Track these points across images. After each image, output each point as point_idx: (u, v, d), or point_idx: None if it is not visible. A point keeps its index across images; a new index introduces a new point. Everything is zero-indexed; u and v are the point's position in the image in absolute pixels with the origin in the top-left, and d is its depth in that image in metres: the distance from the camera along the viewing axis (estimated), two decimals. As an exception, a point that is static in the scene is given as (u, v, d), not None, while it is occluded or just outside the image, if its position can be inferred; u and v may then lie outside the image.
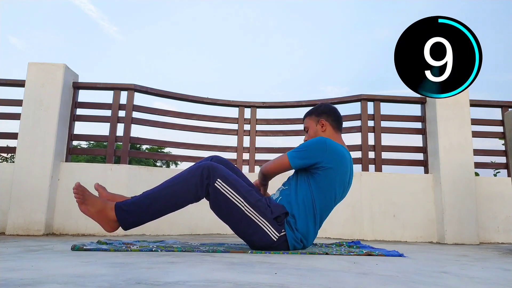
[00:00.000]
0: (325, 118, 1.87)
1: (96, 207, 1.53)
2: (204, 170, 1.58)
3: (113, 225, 1.55)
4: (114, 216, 1.53)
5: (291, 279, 0.94)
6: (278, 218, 1.63)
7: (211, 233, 3.09)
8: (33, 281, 0.82)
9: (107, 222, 1.54)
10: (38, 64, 2.92)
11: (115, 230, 1.56)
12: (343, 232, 3.03)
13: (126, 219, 1.53)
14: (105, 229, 1.55)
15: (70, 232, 2.79)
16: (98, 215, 1.53)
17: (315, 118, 1.88)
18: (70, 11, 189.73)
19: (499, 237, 3.06)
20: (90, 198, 1.54)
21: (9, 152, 3.30)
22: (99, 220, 1.54)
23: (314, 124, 1.88)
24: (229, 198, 1.58)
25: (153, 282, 0.83)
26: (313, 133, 1.87)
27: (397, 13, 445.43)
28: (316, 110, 1.91)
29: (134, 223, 1.55)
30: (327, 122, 1.86)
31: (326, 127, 1.85)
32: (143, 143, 3.44)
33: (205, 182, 1.57)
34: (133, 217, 1.54)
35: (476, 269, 1.31)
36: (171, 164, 18.93)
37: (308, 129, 1.90)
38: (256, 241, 1.63)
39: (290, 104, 3.54)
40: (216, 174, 1.58)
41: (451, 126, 3.07)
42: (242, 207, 1.58)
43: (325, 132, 1.85)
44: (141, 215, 1.55)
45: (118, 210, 1.53)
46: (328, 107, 1.91)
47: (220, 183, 1.57)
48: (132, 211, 1.53)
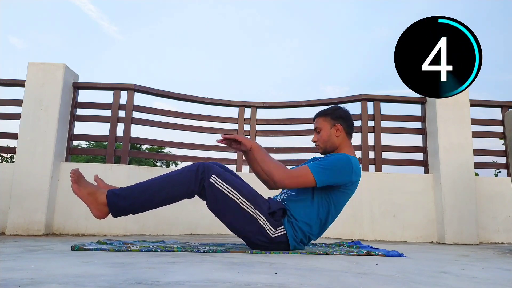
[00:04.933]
0: (341, 123, 1.83)
1: (88, 189, 1.54)
2: (199, 167, 1.60)
3: (102, 209, 1.52)
4: (105, 199, 1.51)
5: (291, 279, 0.94)
6: (275, 214, 1.63)
7: (211, 233, 3.09)
8: (33, 281, 0.82)
9: (97, 205, 1.52)
10: (38, 64, 2.92)
11: (103, 216, 1.53)
12: (343, 232, 3.03)
13: (115, 203, 1.51)
14: (93, 213, 1.53)
15: (70, 232, 2.79)
16: (88, 197, 1.52)
17: (331, 121, 1.83)
18: (70, 11, 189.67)
19: (499, 237, 3.06)
20: (84, 181, 1.56)
21: (9, 152, 3.30)
22: (88, 202, 1.52)
23: (328, 127, 1.83)
24: (224, 192, 1.58)
25: (153, 282, 0.83)
26: (326, 136, 1.82)
27: (397, 13, 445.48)
28: (333, 113, 1.85)
29: (123, 208, 1.53)
30: (342, 127, 1.83)
31: (340, 132, 1.82)
32: (143, 143, 3.44)
33: (200, 176, 1.58)
34: (123, 201, 1.52)
35: (476, 269, 1.31)
36: (171, 164, 18.93)
37: (321, 130, 1.84)
38: (252, 236, 1.62)
39: (290, 104, 3.54)
40: (211, 170, 1.60)
41: (451, 126, 3.07)
42: (237, 200, 1.59)
43: (339, 138, 1.82)
44: (132, 201, 1.53)
45: (110, 194, 1.52)
46: (346, 113, 1.87)
47: (215, 178, 1.59)
48: (123, 196, 1.52)
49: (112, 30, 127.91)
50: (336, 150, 1.83)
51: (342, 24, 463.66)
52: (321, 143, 1.83)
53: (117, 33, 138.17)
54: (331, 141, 1.81)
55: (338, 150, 1.82)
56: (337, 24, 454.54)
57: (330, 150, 1.83)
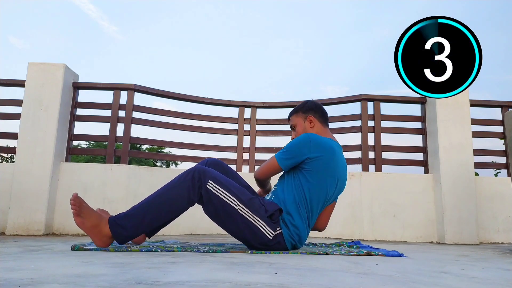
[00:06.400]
0: (312, 114, 1.88)
1: (91, 221, 1.48)
2: (195, 173, 1.57)
3: (106, 241, 1.51)
4: (109, 231, 1.49)
5: (291, 279, 0.94)
6: (273, 216, 1.63)
7: (211, 233, 3.09)
8: (33, 281, 0.82)
9: (101, 238, 1.49)
10: (38, 64, 2.92)
11: (105, 246, 1.51)
12: (343, 232, 3.03)
13: (120, 233, 1.49)
14: (97, 244, 1.51)
15: (70, 232, 2.79)
16: (92, 230, 1.49)
17: (302, 115, 1.89)
18: (70, 10, 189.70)
19: (499, 237, 3.06)
20: (86, 211, 1.50)
21: (9, 152, 3.30)
22: (92, 235, 1.49)
23: (302, 121, 1.89)
24: (221, 198, 1.57)
25: (153, 282, 0.83)
26: (301, 130, 1.87)
27: (397, 13, 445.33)
28: (302, 107, 1.91)
29: (129, 236, 1.51)
30: (314, 118, 1.87)
31: (314, 123, 1.87)
32: (143, 143, 3.44)
33: (197, 184, 1.55)
34: (127, 231, 1.50)
35: (476, 269, 1.31)
36: (171, 164, 18.93)
37: (296, 126, 1.90)
38: (252, 240, 1.62)
39: (290, 104, 3.53)
40: (207, 175, 1.57)
41: (451, 126, 3.07)
42: (235, 207, 1.58)
43: (313, 128, 1.86)
44: (136, 228, 1.51)
45: (113, 225, 1.49)
46: (314, 103, 1.92)
47: (211, 184, 1.56)
48: (127, 226, 1.49)
49: (112, 30, 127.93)
50: None
51: (342, 24, 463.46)
52: None
53: (117, 33, 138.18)
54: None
55: None
56: (337, 24, 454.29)
57: None
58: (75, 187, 2.85)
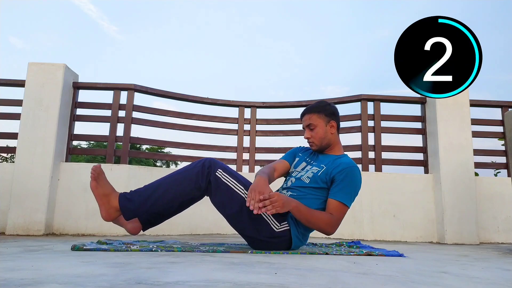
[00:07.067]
0: (335, 119, 1.84)
1: (104, 189, 1.59)
2: (205, 162, 1.63)
3: (112, 213, 1.58)
4: (117, 204, 1.57)
5: (291, 279, 0.94)
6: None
7: (211, 233, 3.09)
8: (33, 281, 0.82)
9: (108, 208, 1.57)
10: (38, 64, 2.92)
11: (109, 219, 1.59)
12: (343, 232, 3.03)
13: (126, 206, 1.57)
14: (102, 214, 1.58)
15: (70, 232, 2.79)
16: (102, 198, 1.58)
17: (325, 118, 1.82)
18: (70, 11, 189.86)
19: (499, 237, 3.06)
20: (103, 179, 1.60)
21: (9, 152, 3.30)
22: (101, 203, 1.58)
23: (323, 124, 1.82)
24: (230, 186, 1.60)
25: (153, 282, 0.83)
26: (322, 133, 1.81)
27: (397, 13, 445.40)
28: (325, 109, 1.83)
29: (134, 210, 1.57)
30: (336, 124, 1.84)
31: (334, 129, 1.84)
32: (143, 143, 3.44)
33: (206, 171, 1.61)
34: (133, 204, 1.57)
35: (476, 269, 1.31)
36: (171, 164, 18.94)
37: (316, 127, 1.82)
38: (255, 231, 1.61)
39: (290, 104, 3.54)
40: (217, 165, 1.63)
41: (451, 126, 3.07)
42: (243, 194, 1.60)
43: (333, 135, 1.84)
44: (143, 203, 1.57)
45: (121, 197, 1.58)
46: (335, 108, 1.89)
47: (220, 172, 1.61)
48: (134, 199, 1.58)
49: (112, 30, 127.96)
50: (330, 147, 1.84)
51: (343, 24, 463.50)
52: (316, 140, 1.82)
53: (117, 33, 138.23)
54: (327, 139, 1.82)
55: (332, 147, 1.84)
56: (338, 24, 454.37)
57: (325, 147, 1.84)
58: (75, 187, 2.85)
